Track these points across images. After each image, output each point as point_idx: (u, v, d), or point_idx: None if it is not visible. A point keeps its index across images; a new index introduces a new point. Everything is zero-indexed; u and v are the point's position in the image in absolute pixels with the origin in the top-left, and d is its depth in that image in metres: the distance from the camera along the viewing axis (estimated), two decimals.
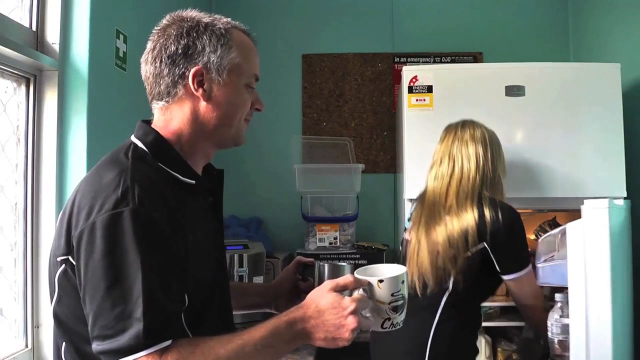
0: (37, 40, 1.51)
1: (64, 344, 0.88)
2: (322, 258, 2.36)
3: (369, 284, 0.92)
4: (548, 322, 1.42)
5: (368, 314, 0.93)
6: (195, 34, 0.94)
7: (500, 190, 1.66)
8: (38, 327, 1.48)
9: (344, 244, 2.53)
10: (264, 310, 1.22)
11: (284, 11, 2.91)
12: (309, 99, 2.89)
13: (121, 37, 1.73)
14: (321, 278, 1.09)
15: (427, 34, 2.85)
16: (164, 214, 0.84)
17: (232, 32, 0.97)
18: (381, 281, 0.92)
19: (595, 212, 1.19)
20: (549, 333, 1.41)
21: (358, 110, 2.87)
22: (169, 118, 0.96)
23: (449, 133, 1.70)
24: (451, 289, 1.55)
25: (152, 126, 0.97)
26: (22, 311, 1.46)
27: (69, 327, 0.87)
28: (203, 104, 0.95)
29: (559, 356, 1.39)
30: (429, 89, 2.01)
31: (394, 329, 0.95)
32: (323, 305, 0.88)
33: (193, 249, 0.88)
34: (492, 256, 1.54)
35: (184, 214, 0.88)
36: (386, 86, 2.86)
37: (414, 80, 2.03)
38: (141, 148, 0.93)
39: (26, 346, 1.46)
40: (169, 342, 0.79)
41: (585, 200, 1.21)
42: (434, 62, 2.82)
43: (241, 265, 2.07)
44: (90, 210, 0.82)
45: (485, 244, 1.53)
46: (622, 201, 1.32)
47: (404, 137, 2.04)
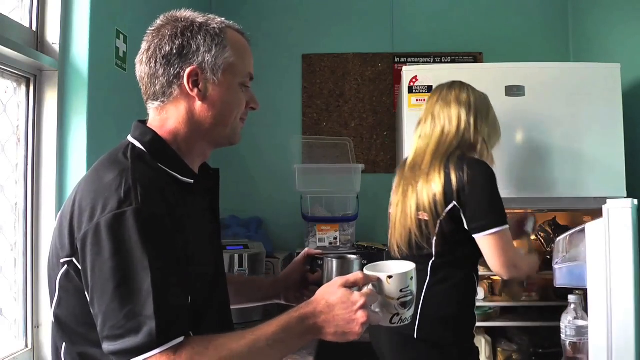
0: (37, 40, 1.51)
1: (63, 344, 0.88)
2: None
3: (378, 279, 0.94)
4: (561, 324, 1.38)
5: (377, 309, 0.94)
6: (189, 34, 0.94)
7: (484, 157, 1.59)
8: (38, 327, 1.48)
9: (344, 244, 2.53)
10: (272, 301, 1.24)
11: (284, 11, 2.91)
12: (309, 99, 2.89)
13: (121, 37, 1.73)
14: (330, 271, 1.10)
15: (427, 34, 2.85)
16: (167, 212, 0.84)
17: (226, 31, 0.97)
18: (390, 277, 0.93)
19: (618, 211, 1.18)
20: (562, 335, 1.38)
21: (358, 110, 2.87)
22: (165, 118, 0.96)
23: (435, 92, 1.67)
24: (434, 254, 1.52)
25: (148, 126, 0.97)
26: (22, 311, 1.46)
27: (69, 328, 0.87)
28: (198, 104, 0.95)
29: (571, 358, 1.36)
30: (429, 89, 2.01)
31: (402, 324, 0.96)
32: (333, 300, 0.89)
33: (193, 247, 0.88)
34: (462, 215, 1.49)
35: (183, 212, 0.88)
36: (386, 86, 2.86)
37: (414, 80, 2.03)
38: (139, 148, 0.93)
39: (26, 346, 1.46)
40: (181, 339, 0.79)
41: (608, 200, 1.20)
42: (434, 62, 2.82)
43: (241, 265, 2.07)
44: (93, 212, 0.82)
45: (455, 202, 1.49)
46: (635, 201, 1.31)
47: (404, 137, 2.05)
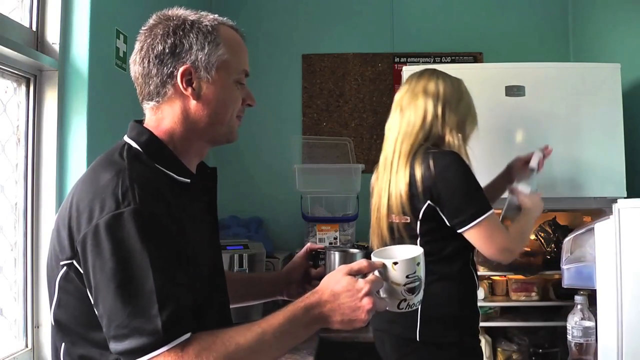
0: (37, 40, 1.51)
1: (63, 345, 0.88)
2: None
3: (384, 265, 0.93)
4: (568, 325, 1.38)
5: (384, 295, 0.93)
6: (181, 33, 0.93)
7: (456, 149, 1.49)
8: (38, 327, 1.48)
9: (344, 244, 2.53)
10: (275, 298, 1.23)
11: (284, 11, 2.91)
12: (309, 99, 2.89)
13: (121, 37, 1.73)
14: (332, 265, 1.09)
15: (427, 34, 2.85)
16: (165, 212, 0.84)
17: (219, 28, 0.96)
18: (395, 263, 0.92)
19: (629, 211, 1.17)
20: (569, 336, 1.37)
21: (358, 110, 2.86)
22: (161, 118, 0.96)
23: (405, 83, 1.60)
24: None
25: (145, 126, 0.96)
26: (22, 311, 1.46)
27: (69, 329, 0.87)
28: (193, 103, 0.94)
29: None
30: None
31: (410, 309, 0.95)
32: (338, 288, 0.89)
33: (191, 247, 0.88)
34: (440, 213, 1.42)
35: (181, 212, 0.88)
36: (386, 86, 2.86)
37: None
38: (135, 148, 0.92)
39: (26, 346, 1.46)
40: (188, 335, 0.79)
41: (619, 200, 1.19)
42: (434, 62, 2.82)
43: (241, 265, 2.07)
44: (91, 214, 0.81)
45: (429, 201, 1.42)
46: None
47: None
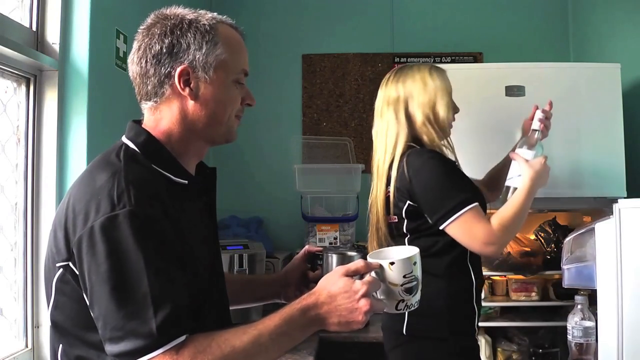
0: (37, 40, 1.51)
1: (60, 346, 0.88)
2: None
3: (380, 266, 0.92)
4: (568, 325, 1.37)
5: (382, 297, 0.93)
6: (179, 32, 0.92)
7: (435, 142, 1.47)
8: (38, 327, 1.48)
9: (344, 244, 2.53)
10: (272, 300, 1.22)
11: (284, 11, 2.91)
12: (309, 99, 2.89)
13: (121, 37, 1.73)
14: (330, 267, 1.08)
15: (427, 34, 2.85)
16: (161, 213, 0.83)
17: (217, 27, 0.95)
18: (392, 263, 0.91)
19: (630, 211, 1.16)
20: (569, 336, 1.37)
21: (358, 110, 2.86)
22: (159, 118, 0.95)
23: (380, 86, 1.56)
24: None
25: (143, 126, 0.96)
26: (22, 311, 1.46)
27: (66, 331, 0.87)
28: (191, 103, 0.93)
29: None
30: None
31: (408, 310, 0.94)
32: (335, 290, 0.88)
33: (189, 248, 0.88)
34: (421, 211, 1.41)
35: (178, 213, 0.87)
36: None
37: None
38: (132, 149, 0.92)
39: (26, 346, 1.46)
40: (183, 338, 0.78)
41: (620, 200, 1.19)
42: (434, 62, 2.81)
43: (241, 265, 2.07)
44: (86, 215, 0.81)
45: (409, 201, 1.41)
46: None
47: None
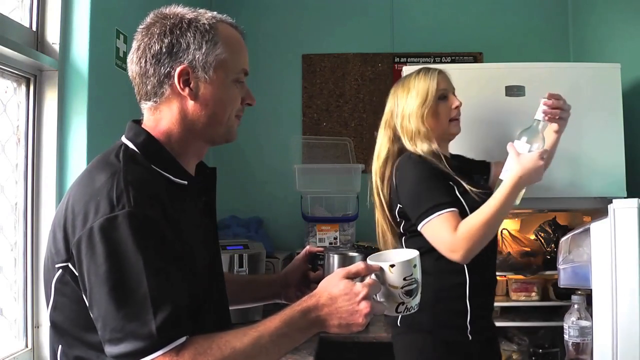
0: (37, 40, 1.51)
1: (60, 347, 0.88)
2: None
3: (381, 269, 0.92)
4: (564, 324, 1.38)
5: (382, 299, 0.93)
6: (178, 32, 0.92)
7: (419, 142, 1.52)
8: (38, 327, 1.48)
9: (344, 244, 2.53)
10: (273, 301, 1.22)
11: (284, 11, 2.90)
12: (309, 99, 2.88)
13: (121, 37, 1.73)
14: (331, 268, 1.08)
15: (427, 34, 2.85)
16: (160, 214, 0.83)
17: (217, 26, 0.94)
18: (392, 266, 0.92)
19: (624, 212, 1.17)
20: (565, 336, 1.37)
21: (358, 110, 2.86)
22: (159, 118, 0.95)
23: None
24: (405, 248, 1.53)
25: (143, 126, 0.96)
26: (22, 311, 1.46)
27: (65, 331, 0.87)
28: (191, 103, 0.93)
29: (574, 359, 1.36)
30: None
31: (408, 312, 0.95)
32: (335, 292, 0.88)
33: (189, 248, 0.88)
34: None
35: (178, 214, 0.87)
36: (386, 86, 2.83)
37: None
38: (132, 149, 0.92)
39: (26, 346, 1.46)
40: (184, 339, 0.78)
41: (614, 200, 1.19)
42: (434, 62, 2.81)
43: (241, 265, 2.07)
44: (85, 216, 0.81)
45: (399, 204, 1.51)
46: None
47: None
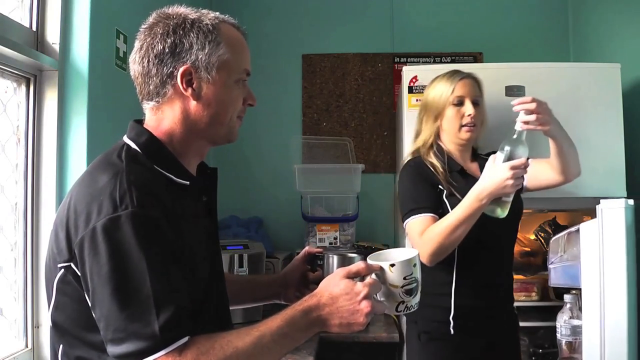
0: (37, 40, 1.51)
1: (61, 347, 0.88)
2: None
3: (381, 268, 0.93)
4: (557, 323, 1.39)
5: (382, 298, 0.94)
6: (181, 32, 0.92)
7: (434, 153, 1.65)
8: (38, 327, 1.48)
9: (344, 244, 2.53)
10: (272, 301, 1.22)
11: (284, 11, 2.91)
12: (309, 99, 2.88)
13: (121, 37, 1.73)
14: (331, 268, 1.09)
15: (427, 34, 2.84)
16: (162, 214, 0.83)
17: (220, 27, 0.95)
18: (393, 265, 0.92)
19: (611, 212, 1.17)
20: (558, 334, 1.38)
21: (358, 110, 2.86)
22: (161, 118, 0.95)
23: None
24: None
25: (144, 126, 0.96)
26: (22, 311, 1.46)
27: (66, 331, 0.87)
28: (193, 103, 0.93)
29: (567, 358, 1.36)
30: None
31: (408, 312, 0.96)
32: (336, 292, 0.88)
33: (190, 248, 0.88)
34: None
35: (179, 214, 0.87)
36: (386, 86, 2.86)
37: (414, 80, 2.03)
38: (134, 149, 0.92)
39: (26, 346, 1.46)
40: (186, 339, 0.79)
41: (602, 200, 1.19)
42: (434, 62, 2.82)
43: (241, 265, 2.07)
44: (88, 216, 0.81)
45: None
46: (632, 201, 1.30)
47: (404, 137, 2.04)
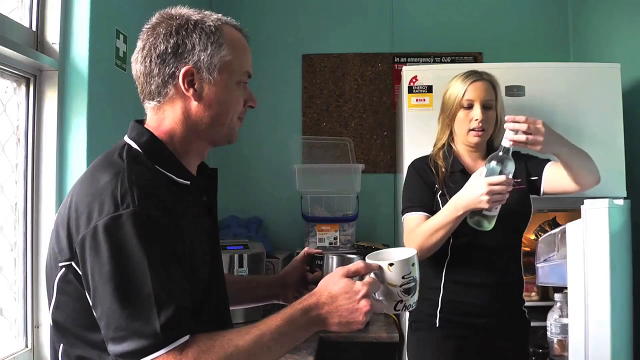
0: (37, 40, 1.51)
1: (61, 346, 0.88)
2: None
3: (380, 267, 0.94)
4: (547, 322, 1.42)
5: (381, 297, 0.94)
6: (184, 32, 0.92)
7: (439, 145, 1.70)
8: (38, 327, 1.48)
9: (344, 244, 2.53)
10: (271, 302, 1.22)
11: (284, 11, 2.91)
12: (309, 99, 2.89)
13: (121, 37, 1.73)
14: (330, 270, 1.09)
15: (427, 34, 2.85)
16: (163, 214, 0.84)
17: (222, 28, 0.95)
18: (391, 264, 0.93)
19: (595, 212, 1.19)
20: (548, 333, 1.42)
21: (358, 110, 2.86)
22: (162, 118, 0.95)
23: None
24: None
25: (145, 126, 0.96)
26: (22, 311, 1.46)
27: (67, 330, 0.87)
28: (194, 104, 0.94)
29: (558, 356, 1.39)
30: (429, 89, 2.01)
31: (407, 310, 0.97)
32: (335, 291, 0.89)
33: (190, 247, 0.88)
34: None
35: (180, 213, 0.88)
36: (386, 86, 2.86)
37: (414, 80, 2.03)
38: (135, 149, 0.92)
39: (26, 346, 1.46)
40: (187, 338, 0.79)
41: (585, 201, 1.21)
42: (434, 62, 2.82)
43: (241, 265, 2.07)
44: (89, 215, 0.81)
45: None
46: (622, 201, 1.32)
47: (404, 137, 2.04)
